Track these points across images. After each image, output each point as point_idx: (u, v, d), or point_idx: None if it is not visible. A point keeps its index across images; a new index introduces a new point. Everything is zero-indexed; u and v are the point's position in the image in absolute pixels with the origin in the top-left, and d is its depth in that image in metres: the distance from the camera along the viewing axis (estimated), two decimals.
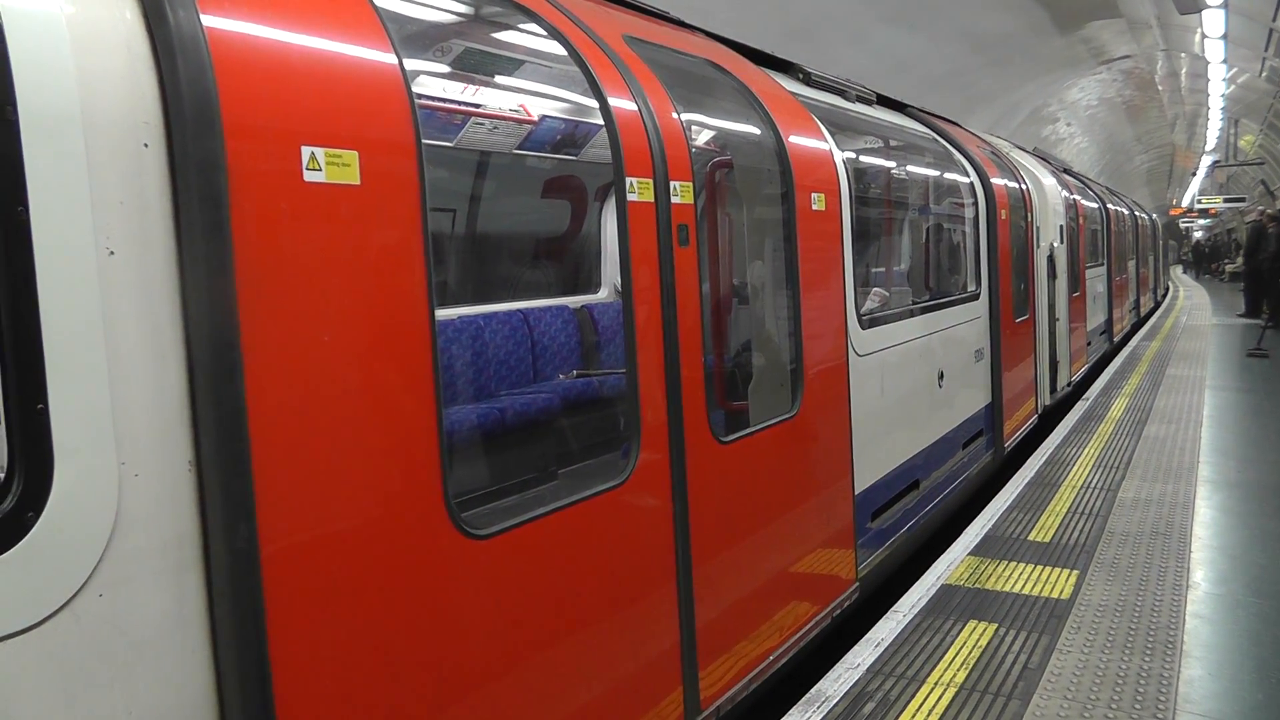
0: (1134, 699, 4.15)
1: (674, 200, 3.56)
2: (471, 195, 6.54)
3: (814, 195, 4.79)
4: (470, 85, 5.48)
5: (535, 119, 6.24)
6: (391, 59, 2.57)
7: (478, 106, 5.75)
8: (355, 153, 2.39)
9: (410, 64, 2.69)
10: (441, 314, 5.69)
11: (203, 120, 2.07)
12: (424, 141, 2.61)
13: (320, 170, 2.30)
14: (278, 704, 2.19)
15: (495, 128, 6.13)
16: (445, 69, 5.04)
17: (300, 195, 2.27)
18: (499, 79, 5.60)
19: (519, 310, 6.34)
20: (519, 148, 6.51)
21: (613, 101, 3.42)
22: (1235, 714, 4.07)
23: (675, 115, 3.76)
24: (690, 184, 3.69)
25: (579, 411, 5.53)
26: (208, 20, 2.13)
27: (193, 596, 2.11)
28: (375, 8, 2.60)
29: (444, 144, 5.92)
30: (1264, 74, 18.10)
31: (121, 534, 1.99)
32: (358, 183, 2.39)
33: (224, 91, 2.11)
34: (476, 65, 5.19)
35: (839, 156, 5.22)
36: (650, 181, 3.46)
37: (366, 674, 2.42)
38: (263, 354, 2.17)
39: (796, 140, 4.79)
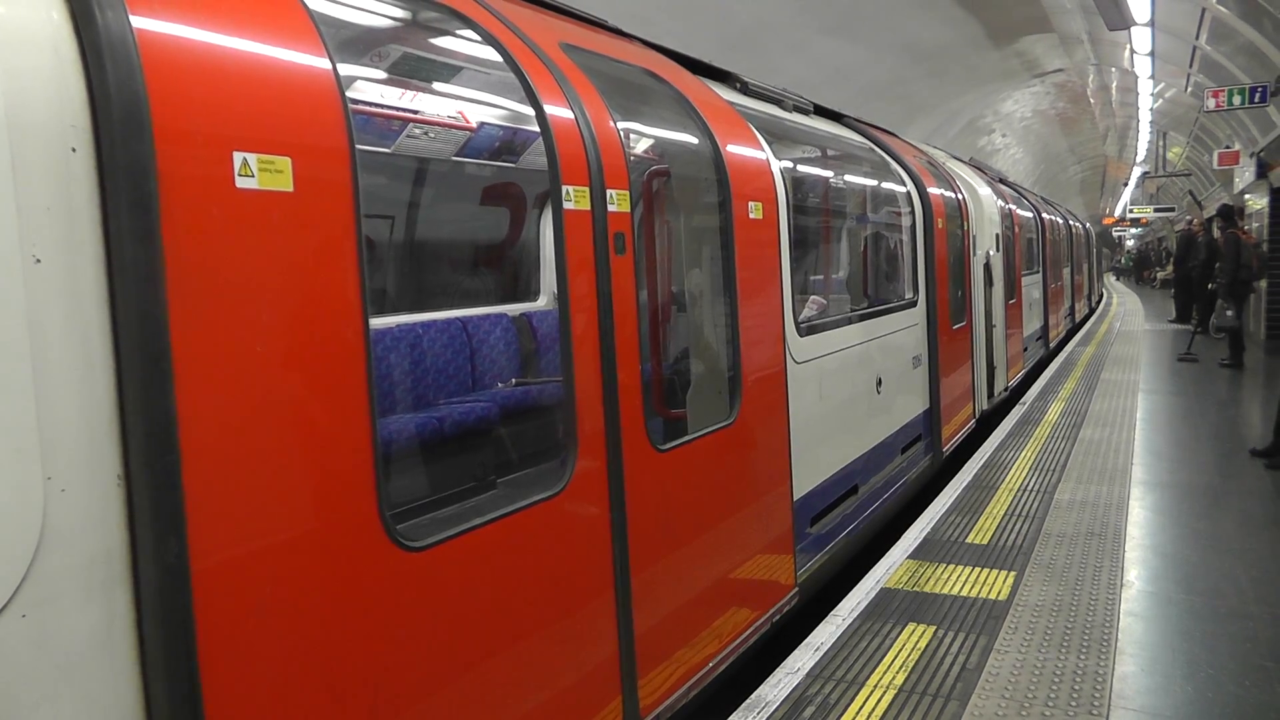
0: (1070, 696, 4.22)
1: (610, 209, 3.56)
2: (409, 202, 6.49)
3: (751, 204, 4.81)
4: (406, 91, 5.43)
5: (471, 126, 6.21)
6: (325, 64, 2.53)
7: (413, 113, 5.71)
8: (288, 159, 2.35)
9: (344, 69, 2.66)
10: (380, 322, 5.64)
11: (132, 124, 2.02)
12: (359, 147, 2.58)
13: (252, 176, 2.26)
14: None
15: (431, 134, 6.08)
16: (380, 75, 4.99)
17: (232, 202, 2.23)
18: (434, 86, 5.55)
19: (458, 318, 6.30)
20: (455, 154, 6.47)
21: (549, 109, 3.41)
22: (1167, 707, 4.16)
23: (612, 123, 3.76)
24: (627, 192, 3.69)
25: (518, 420, 5.50)
26: (137, 22, 2.08)
27: (121, 614, 2.05)
28: (309, 11, 2.56)
29: (380, 150, 5.87)
30: (1189, 89, 18.60)
31: (46, 551, 1.92)
32: (290, 189, 2.36)
33: (154, 95, 2.07)
34: (412, 71, 5.15)
35: (776, 165, 5.25)
36: (587, 190, 3.45)
37: (301, 691, 2.37)
38: (194, 364, 2.12)
39: (733, 149, 4.81)
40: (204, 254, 2.16)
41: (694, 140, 4.76)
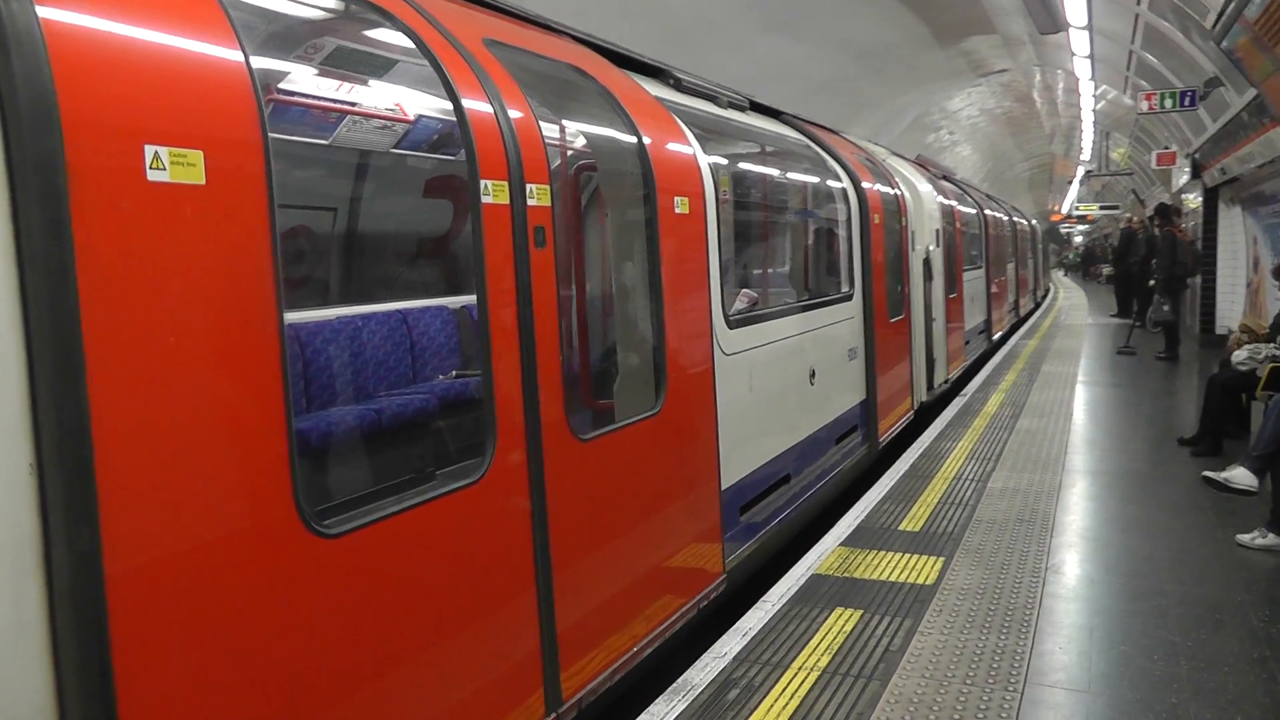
0: (988, 674, 4.35)
1: (530, 203, 3.61)
2: (331, 195, 6.43)
3: (676, 198, 4.88)
4: (322, 86, 5.37)
5: (388, 121, 6.17)
6: (238, 56, 2.55)
7: (328, 107, 5.64)
8: (200, 152, 2.37)
9: (259, 63, 2.69)
10: (319, 314, 5.65)
11: (39, 117, 2.03)
12: (277, 137, 2.60)
13: (164, 169, 2.28)
14: (121, 712, 2.15)
15: (346, 128, 6.01)
16: (296, 69, 4.96)
17: (143, 195, 2.24)
18: (351, 81, 5.53)
19: (398, 310, 6.32)
20: (371, 148, 6.42)
21: (467, 104, 3.45)
22: (1080, 682, 4.31)
23: (533, 119, 3.81)
24: (547, 187, 3.74)
25: (458, 412, 5.53)
26: (44, 13, 2.08)
27: (32, 603, 2.06)
28: (222, 4, 2.58)
29: (299, 142, 5.82)
30: (1128, 92, 18.93)
31: None
32: (203, 182, 2.38)
33: (62, 88, 2.08)
34: (329, 66, 5.12)
35: (704, 160, 5.33)
36: (505, 184, 3.50)
37: (216, 676, 2.40)
38: (106, 355, 2.14)
39: (658, 144, 4.87)
40: (115, 246, 2.18)
41: (618, 135, 4.82)
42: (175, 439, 2.31)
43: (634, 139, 4.71)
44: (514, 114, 3.68)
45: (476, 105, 3.52)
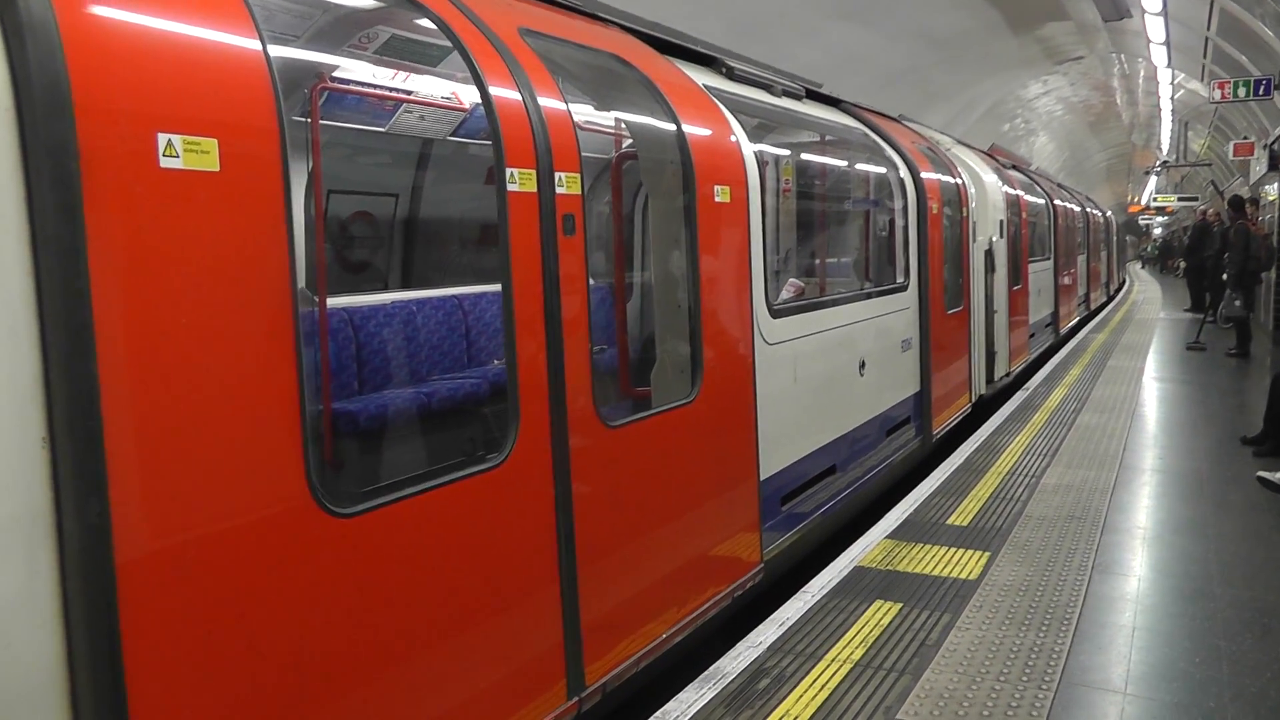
0: (1023, 671, 4.30)
1: (559, 191, 3.65)
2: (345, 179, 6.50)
3: (717, 187, 4.87)
4: (344, 74, 5.42)
5: (416, 109, 6.19)
6: (255, 45, 2.59)
7: (354, 95, 5.67)
8: (214, 140, 2.42)
9: (276, 50, 2.73)
10: (373, 299, 5.75)
11: (53, 103, 2.10)
12: (323, 123, 2.65)
13: (177, 156, 2.34)
14: (128, 680, 2.22)
15: (369, 116, 6.04)
16: (316, 57, 4.99)
17: (155, 181, 2.30)
18: (375, 68, 5.54)
19: (453, 296, 6.40)
20: (402, 134, 6.46)
21: (495, 93, 3.49)
22: (1116, 682, 4.24)
23: (563, 108, 3.84)
24: (577, 175, 3.77)
25: (501, 397, 5.60)
26: (60, 1, 2.15)
27: (44, 573, 2.13)
28: None
29: (342, 128, 5.87)
30: (1205, 80, 18.41)
31: None
32: (217, 170, 2.43)
33: (75, 75, 2.14)
34: (353, 54, 5.12)
35: (748, 149, 5.30)
36: (533, 172, 3.53)
37: (223, 648, 2.46)
38: (117, 335, 2.21)
39: (699, 133, 4.86)
40: (127, 230, 2.25)
41: (656, 123, 4.82)
42: (184, 417, 2.37)
43: (673, 127, 4.71)
44: (544, 102, 3.71)
45: (504, 93, 3.56)
